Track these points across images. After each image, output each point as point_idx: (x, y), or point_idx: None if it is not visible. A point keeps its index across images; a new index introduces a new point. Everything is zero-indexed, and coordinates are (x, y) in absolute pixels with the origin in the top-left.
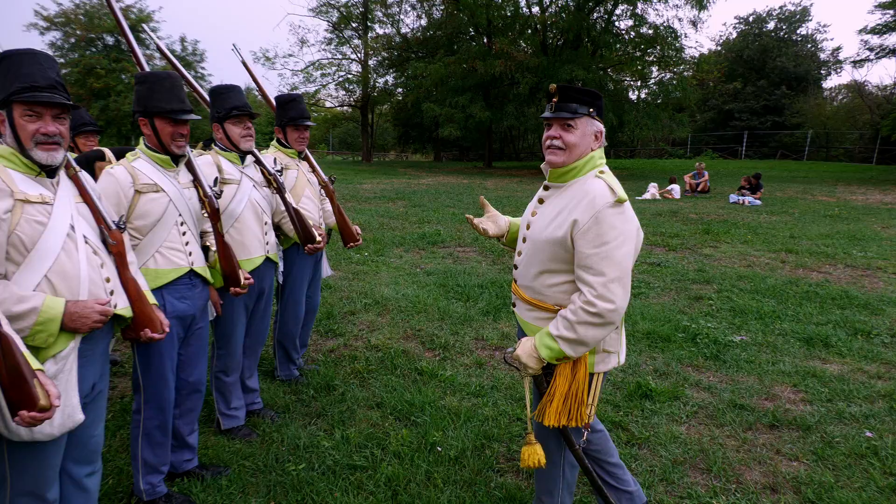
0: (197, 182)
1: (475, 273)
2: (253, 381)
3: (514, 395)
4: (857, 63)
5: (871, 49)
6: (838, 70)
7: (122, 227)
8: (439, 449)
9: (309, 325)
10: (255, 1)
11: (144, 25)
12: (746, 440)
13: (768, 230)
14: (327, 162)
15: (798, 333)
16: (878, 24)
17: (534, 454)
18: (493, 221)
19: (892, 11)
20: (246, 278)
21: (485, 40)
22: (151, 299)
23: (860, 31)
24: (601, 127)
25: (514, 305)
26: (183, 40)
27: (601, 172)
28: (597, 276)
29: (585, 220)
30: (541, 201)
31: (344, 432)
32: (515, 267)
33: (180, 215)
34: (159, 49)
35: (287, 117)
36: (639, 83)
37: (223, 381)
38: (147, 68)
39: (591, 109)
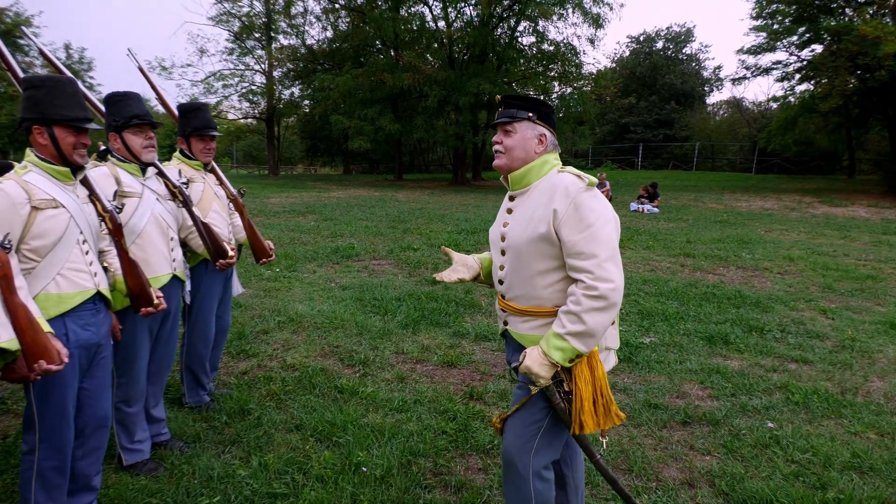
0: (94, 196)
1: (392, 286)
2: (158, 411)
3: (437, 409)
4: (736, 80)
5: (747, 68)
6: (720, 87)
7: (7, 247)
8: (364, 469)
9: (220, 346)
10: (148, 8)
11: (24, 28)
12: (662, 438)
13: (667, 236)
14: (232, 175)
15: (700, 333)
16: (753, 45)
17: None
18: (464, 265)
19: (765, 34)
20: (158, 296)
21: (392, 53)
22: (46, 327)
23: (738, 52)
24: (544, 130)
25: (505, 324)
26: (68, 47)
27: (562, 168)
28: (589, 259)
29: (564, 209)
30: (509, 211)
31: (261, 459)
32: (500, 282)
33: (81, 233)
34: (42, 53)
35: (191, 127)
36: (542, 97)
37: (125, 413)
38: (21, 76)
39: (531, 114)
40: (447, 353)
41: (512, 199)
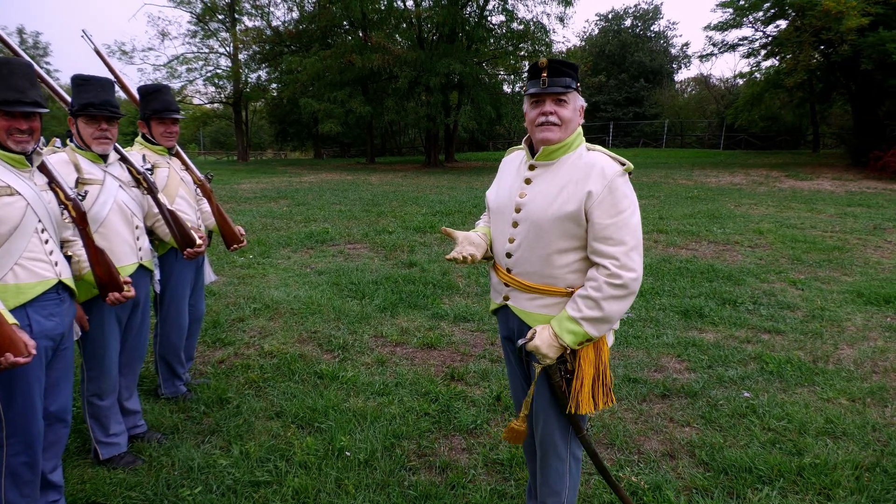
0: (55, 184)
1: (368, 269)
2: (133, 403)
3: (419, 391)
4: (704, 57)
5: (714, 45)
6: (687, 64)
7: None
8: (348, 454)
9: (194, 335)
10: None
11: None
12: (643, 412)
13: (640, 212)
14: (200, 162)
15: (676, 307)
16: (720, 22)
17: (520, 434)
18: (470, 243)
19: (731, 10)
20: (126, 282)
21: (360, 34)
22: (10, 318)
23: (705, 28)
24: (583, 101)
25: (505, 299)
26: (21, 32)
27: (591, 146)
28: (617, 245)
29: (600, 191)
30: (528, 181)
31: (242, 447)
32: (508, 255)
33: (40, 221)
34: None
35: (151, 109)
36: (512, 77)
37: (98, 406)
38: None
39: (577, 84)
40: (426, 335)
41: (532, 168)
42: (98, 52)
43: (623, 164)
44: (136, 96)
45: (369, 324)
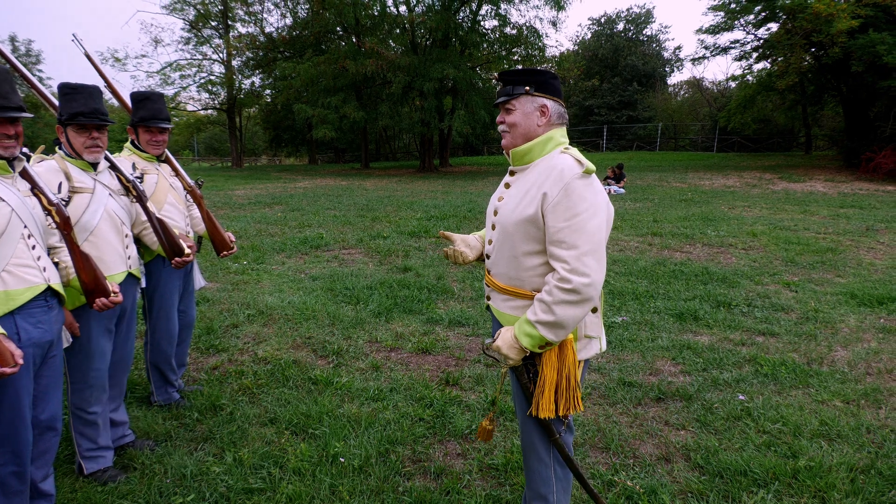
0: (37, 190)
1: (363, 274)
2: (119, 414)
3: (413, 396)
4: (696, 60)
5: (706, 48)
6: (680, 67)
7: None
8: (342, 460)
9: (186, 342)
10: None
11: None
12: (638, 415)
13: (634, 216)
14: (194, 169)
15: (670, 310)
16: (712, 25)
17: (488, 433)
18: (466, 245)
19: (722, 13)
20: (114, 290)
21: (354, 39)
22: None
23: (697, 31)
24: (544, 101)
25: (488, 299)
26: (13, 39)
27: (566, 149)
28: (569, 249)
29: (555, 193)
30: (507, 186)
31: (236, 454)
32: (487, 257)
33: (26, 227)
34: None
35: (138, 117)
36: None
37: (83, 418)
38: None
39: (528, 87)
40: (421, 339)
41: (513, 174)
42: (88, 56)
43: (584, 166)
44: (128, 102)
45: (364, 329)
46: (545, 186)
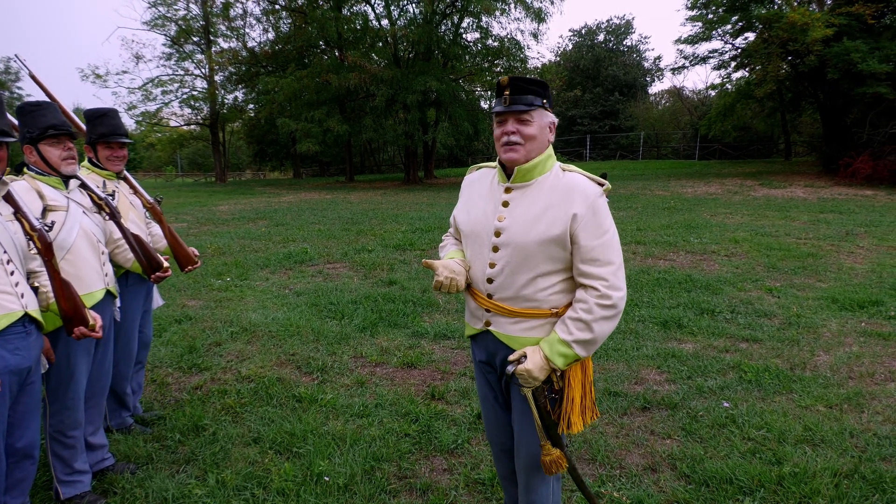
0: (21, 214)
1: (347, 289)
2: (98, 437)
3: (399, 411)
4: (676, 70)
5: (686, 57)
6: (660, 77)
7: None
8: (327, 479)
9: (142, 363)
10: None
11: None
12: (624, 425)
13: (618, 224)
14: (177, 185)
15: (655, 318)
16: (690, 35)
17: (560, 462)
18: (451, 271)
19: (700, 24)
20: (94, 318)
21: (336, 53)
22: None
23: (676, 42)
24: (554, 118)
25: (486, 325)
26: None
27: (565, 167)
28: (606, 266)
29: (584, 213)
30: (505, 204)
31: (219, 476)
32: (489, 281)
33: (5, 252)
34: None
35: (97, 133)
36: (489, 93)
37: (61, 442)
38: None
39: (544, 101)
40: (406, 353)
41: (508, 190)
42: (33, 77)
43: (602, 185)
44: (76, 119)
45: (349, 344)
46: (573, 206)
